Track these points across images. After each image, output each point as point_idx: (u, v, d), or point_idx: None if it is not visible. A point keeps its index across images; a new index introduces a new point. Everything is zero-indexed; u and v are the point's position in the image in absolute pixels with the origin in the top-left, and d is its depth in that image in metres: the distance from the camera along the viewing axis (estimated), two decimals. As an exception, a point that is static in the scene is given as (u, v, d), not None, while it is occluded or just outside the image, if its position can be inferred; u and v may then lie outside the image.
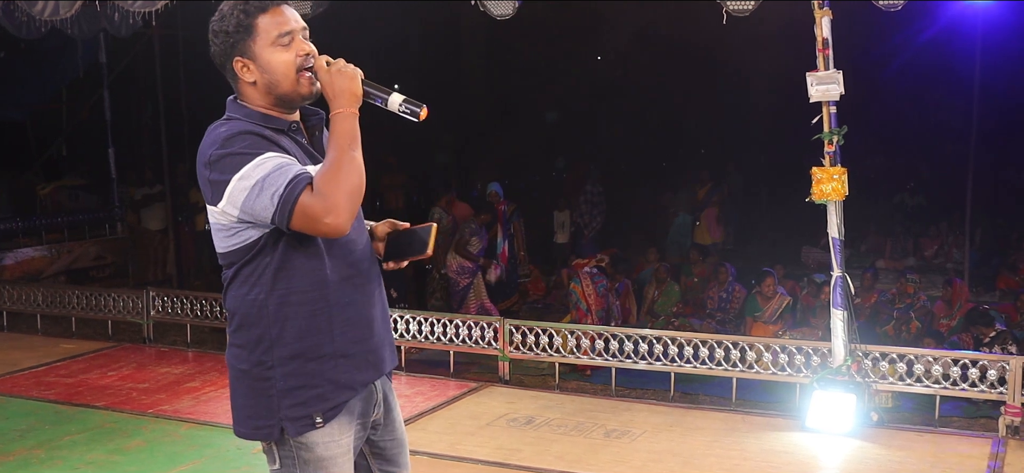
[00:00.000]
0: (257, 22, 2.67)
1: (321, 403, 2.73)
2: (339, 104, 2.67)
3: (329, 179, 2.59)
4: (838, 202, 6.23)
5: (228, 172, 2.61)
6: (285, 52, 2.68)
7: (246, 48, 2.68)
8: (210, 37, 2.74)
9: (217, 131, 2.69)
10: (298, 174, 2.58)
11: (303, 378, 2.72)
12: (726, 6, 6.43)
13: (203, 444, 6.14)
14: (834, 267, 6.29)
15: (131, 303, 9.02)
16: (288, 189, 2.56)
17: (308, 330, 2.72)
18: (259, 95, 2.72)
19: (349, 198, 2.61)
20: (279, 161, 2.60)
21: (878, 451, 5.88)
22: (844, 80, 6.14)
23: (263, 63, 2.68)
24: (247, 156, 2.60)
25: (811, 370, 6.51)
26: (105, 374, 7.74)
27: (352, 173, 2.62)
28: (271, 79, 2.69)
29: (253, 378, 2.74)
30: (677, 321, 11.06)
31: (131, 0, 7.98)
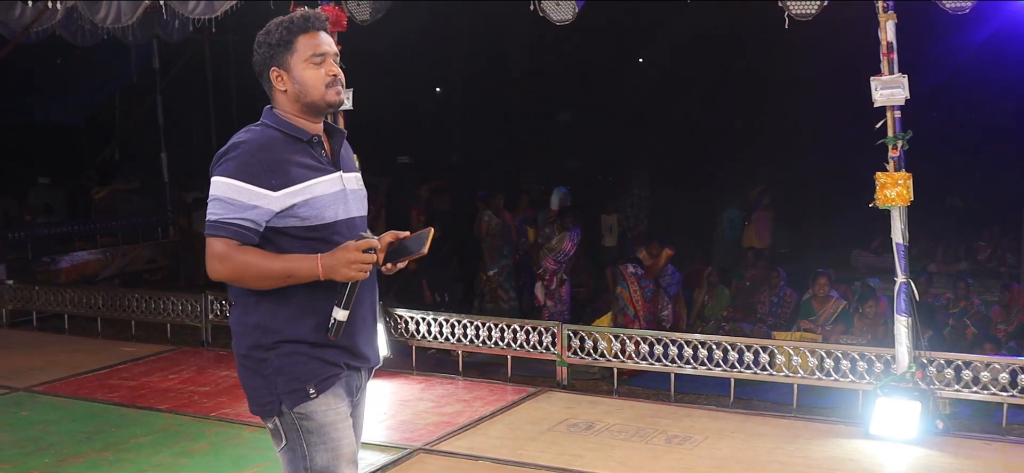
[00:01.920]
0: (297, 40, 3.10)
1: (313, 377, 3.08)
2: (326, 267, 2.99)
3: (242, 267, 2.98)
4: (903, 208, 6.16)
5: (216, 170, 3.02)
6: (316, 69, 3.11)
7: (283, 60, 3.11)
8: (255, 47, 3.17)
9: (241, 134, 3.10)
10: (235, 222, 2.96)
11: (293, 359, 3.07)
12: (789, 8, 6.39)
13: (267, 447, 6.08)
14: (898, 273, 6.25)
15: (189, 306, 9.12)
16: (216, 224, 2.98)
17: (297, 323, 3.06)
18: (289, 102, 3.13)
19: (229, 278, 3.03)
20: (242, 199, 2.96)
21: (944, 460, 5.82)
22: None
23: (296, 75, 3.11)
24: (234, 170, 2.98)
25: (874, 377, 6.45)
26: (166, 377, 7.84)
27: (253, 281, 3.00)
28: (301, 90, 3.10)
29: (252, 361, 3.10)
30: (727, 325, 11.01)
31: (192, 5, 8.07)
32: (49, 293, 10.09)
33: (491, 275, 11.00)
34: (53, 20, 8.79)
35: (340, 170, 3.19)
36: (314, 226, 3.07)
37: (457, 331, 7.80)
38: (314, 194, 3.06)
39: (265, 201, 2.98)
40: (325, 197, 3.09)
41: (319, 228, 3.07)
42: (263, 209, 2.98)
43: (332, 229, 3.10)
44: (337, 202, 3.13)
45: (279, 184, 3.00)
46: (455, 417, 6.73)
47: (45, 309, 10.11)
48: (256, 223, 2.99)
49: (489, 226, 11.22)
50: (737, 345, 6.95)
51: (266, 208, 2.99)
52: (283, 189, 3.00)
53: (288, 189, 3.01)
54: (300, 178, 3.04)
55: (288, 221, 3.03)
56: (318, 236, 3.07)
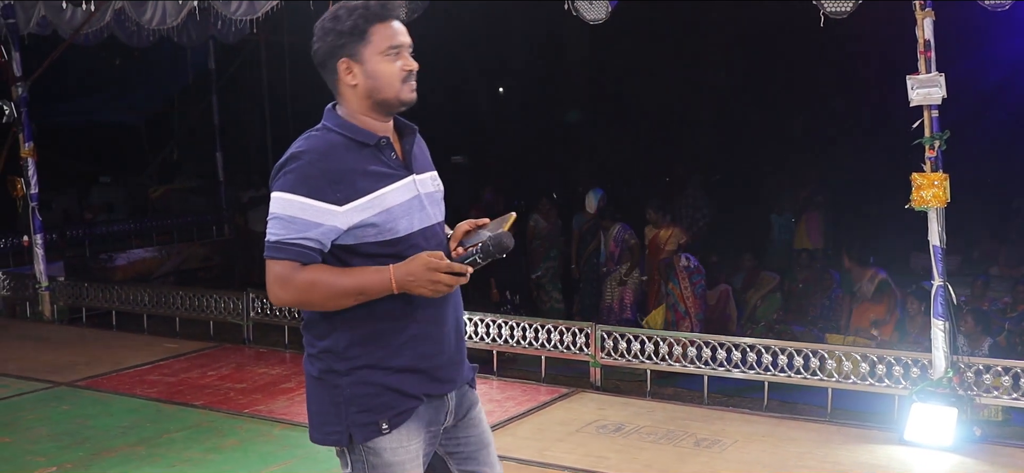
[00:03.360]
0: (372, 30, 2.78)
1: (387, 410, 2.80)
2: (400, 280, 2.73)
3: (306, 289, 2.73)
4: (940, 209, 6.01)
5: (275, 184, 2.78)
6: (392, 63, 2.79)
7: (355, 51, 2.79)
8: (318, 34, 2.84)
9: (300, 142, 2.82)
10: (297, 242, 2.71)
11: (369, 387, 2.80)
12: (824, 7, 6.27)
13: (295, 445, 6.24)
14: (935, 276, 6.09)
15: (231, 304, 9.25)
16: (276, 245, 2.75)
17: (375, 344, 2.80)
18: (357, 99, 2.82)
19: (294, 303, 2.82)
20: (304, 216, 2.70)
21: (981, 468, 5.66)
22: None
23: (370, 69, 2.79)
24: (294, 184, 2.72)
25: (910, 382, 6.30)
26: (205, 374, 7.95)
27: (320, 302, 2.75)
28: (375, 85, 2.79)
29: (323, 385, 2.84)
30: (779, 327, 10.86)
31: (234, 5, 8.17)
32: (98, 290, 10.30)
33: (536, 277, 10.96)
34: (102, 22, 8.97)
35: (413, 173, 2.89)
36: (387, 240, 2.77)
37: (491, 331, 7.79)
38: (385, 205, 2.76)
39: (330, 218, 2.70)
40: (398, 207, 2.79)
41: (393, 243, 2.78)
42: (327, 227, 2.70)
43: (407, 242, 2.79)
44: (411, 211, 2.83)
45: (345, 197, 2.71)
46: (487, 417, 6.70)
47: (94, 306, 10.32)
48: (320, 243, 2.72)
49: (536, 229, 11.18)
50: (771, 348, 6.85)
51: (331, 225, 2.71)
52: (350, 203, 2.71)
53: (355, 202, 2.72)
54: (368, 189, 2.75)
55: (357, 238, 2.75)
56: (393, 251, 2.77)
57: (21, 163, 10.24)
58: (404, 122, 2.96)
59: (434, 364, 2.88)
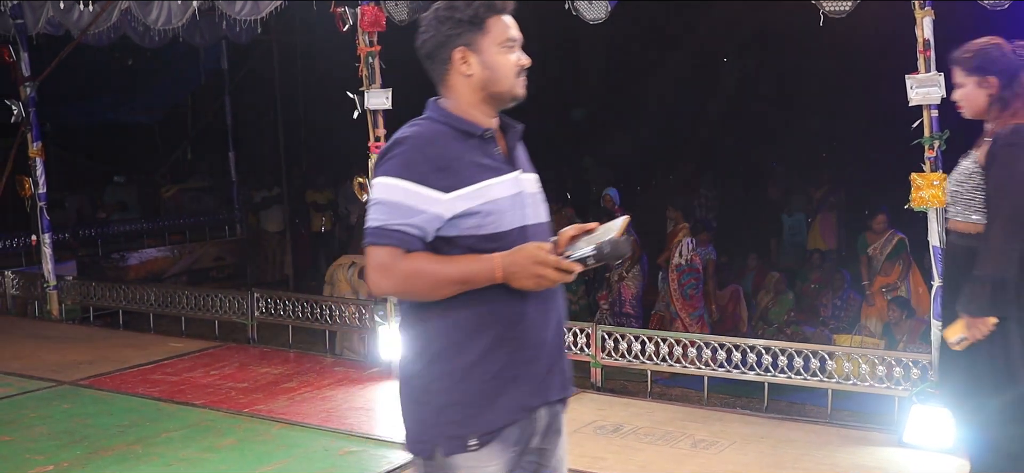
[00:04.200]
0: (490, 21, 2.75)
1: (477, 425, 2.67)
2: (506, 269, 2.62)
3: (409, 276, 2.62)
4: (940, 209, 5.95)
5: (379, 169, 2.70)
6: (508, 56, 2.77)
7: (473, 41, 2.74)
8: (430, 23, 2.78)
9: (404, 129, 2.75)
10: (400, 227, 2.61)
11: (462, 396, 2.68)
12: (823, 7, 6.23)
13: (292, 444, 6.26)
14: (935, 276, 6.00)
15: (236, 304, 9.27)
16: (378, 230, 2.63)
17: (473, 347, 2.67)
18: (469, 90, 2.77)
19: (396, 292, 2.72)
20: (409, 202, 2.61)
21: (978, 470, 5.61)
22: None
23: (487, 60, 2.74)
24: (398, 169, 2.64)
25: (910, 383, 6.25)
26: (208, 373, 7.97)
27: (424, 291, 2.65)
28: (491, 76, 2.75)
29: (415, 391, 2.74)
30: (790, 329, 10.81)
31: (239, 5, 8.19)
32: (105, 289, 10.35)
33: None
34: (109, 22, 9.02)
35: (517, 170, 2.81)
36: (490, 234, 2.66)
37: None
38: (490, 197, 2.67)
39: (434, 205, 2.61)
40: (503, 200, 2.70)
41: (495, 237, 2.66)
42: (431, 214, 2.61)
43: (510, 238, 2.68)
44: (515, 207, 2.73)
45: (450, 185, 2.63)
46: (483, 417, 6.70)
47: (102, 305, 10.37)
48: (423, 230, 2.62)
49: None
50: (771, 349, 6.80)
51: (435, 213, 2.61)
52: (455, 191, 2.63)
53: (460, 191, 2.63)
54: (474, 178, 2.66)
55: (460, 229, 2.65)
56: (495, 247, 2.65)
57: (29, 163, 10.30)
58: (509, 120, 2.88)
59: (532, 371, 2.75)
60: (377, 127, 7.59)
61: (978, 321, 4.03)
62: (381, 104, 7.51)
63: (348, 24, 7.51)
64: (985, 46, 4.12)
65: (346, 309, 8.56)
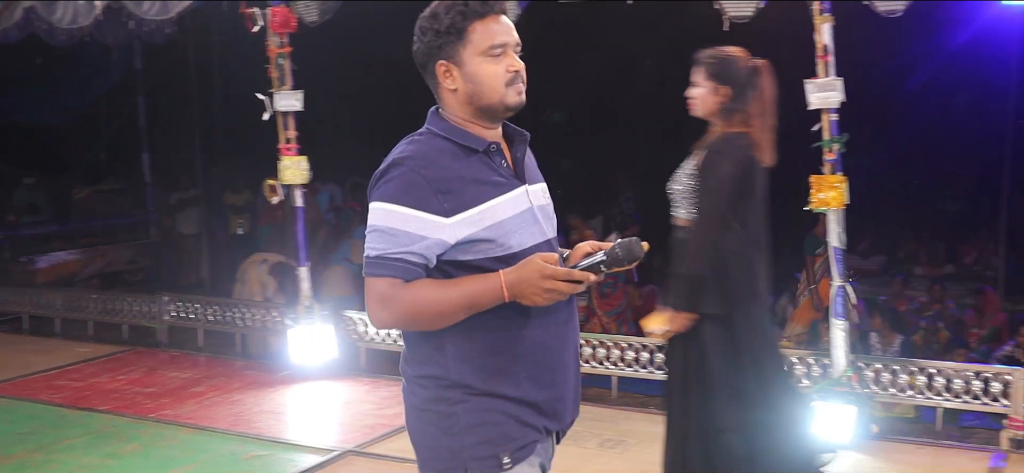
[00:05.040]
0: (471, 27, 2.52)
1: (508, 443, 2.54)
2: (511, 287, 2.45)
3: (412, 307, 2.46)
4: (839, 211, 6.08)
5: (375, 193, 2.51)
6: (495, 64, 2.53)
7: (453, 53, 2.53)
8: (417, 34, 2.59)
9: (402, 147, 2.56)
10: (400, 257, 2.44)
11: (488, 416, 2.53)
12: (725, 10, 6.34)
13: (199, 449, 6.19)
14: (834, 277, 6.15)
15: (145, 307, 9.13)
16: (376, 260, 2.46)
17: (491, 371, 2.54)
18: (459, 105, 2.57)
19: (399, 324, 2.54)
20: (408, 228, 2.44)
21: (875, 464, 5.76)
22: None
23: (469, 72, 2.53)
24: (396, 193, 2.46)
25: (812, 380, 6.39)
26: (114, 378, 7.84)
27: (428, 320, 2.50)
28: (475, 89, 2.54)
29: (433, 416, 2.57)
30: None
31: (147, 5, 8.08)
32: (7, 294, 10.13)
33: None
34: (11, 21, 8.80)
35: (525, 183, 2.62)
36: (500, 257, 2.49)
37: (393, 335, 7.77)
38: (497, 217, 2.50)
39: (436, 230, 2.44)
40: (510, 220, 2.52)
41: (507, 259, 2.50)
42: (433, 240, 2.44)
43: (520, 259, 2.50)
44: (525, 224, 2.56)
45: (453, 208, 2.45)
46: (393, 419, 6.68)
47: (6, 310, 10.13)
48: (425, 258, 2.46)
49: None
50: (678, 348, 6.88)
51: (437, 238, 2.44)
52: (458, 214, 2.45)
53: (464, 214, 2.46)
54: (479, 199, 2.48)
55: (466, 253, 2.49)
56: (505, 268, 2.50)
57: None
58: (514, 128, 2.69)
59: (553, 395, 2.61)
60: (288, 129, 7.54)
61: (679, 315, 4.29)
62: (291, 106, 7.46)
63: (258, 25, 7.44)
64: (727, 56, 4.36)
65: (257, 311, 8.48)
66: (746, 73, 4.31)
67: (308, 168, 7.57)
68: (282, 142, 7.53)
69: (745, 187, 4.22)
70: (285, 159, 7.53)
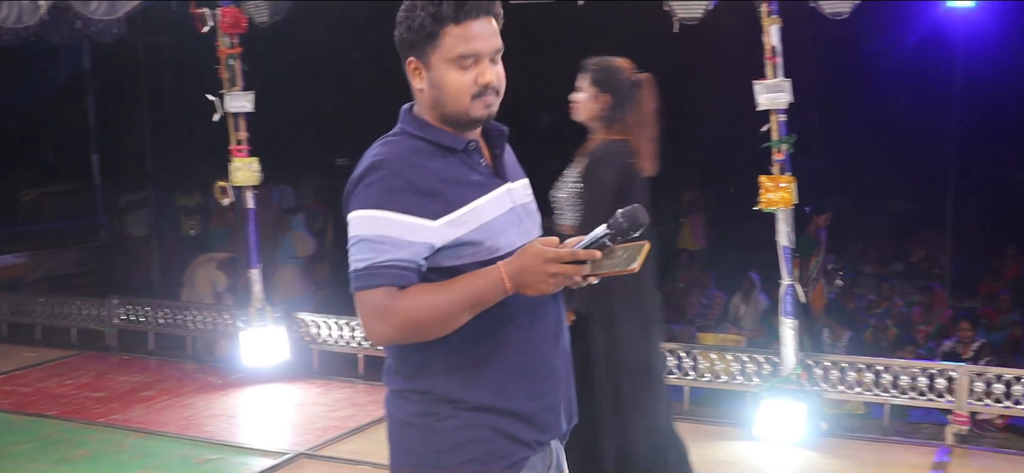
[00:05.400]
0: (444, 31, 2.34)
1: (498, 459, 2.42)
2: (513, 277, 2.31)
3: (412, 315, 2.30)
4: (787, 210, 6.16)
5: (353, 201, 2.37)
6: (463, 74, 2.36)
7: (423, 53, 2.38)
8: (396, 23, 2.43)
9: (377, 149, 2.42)
10: (390, 264, 2.29)
11: (478, 432, 2.41)
12: (675, 11, 6.38)
13: (148, 454, 6.13)
14: (783, 275, 6.22)
15: (94, 311, 9.00)
16: (366, 272, 2.31)
17: (480, 383, 2.41)
18: (425, 107, 2.44)
19: (399, 337, 2.37)
20: (394, 234, 2.30)
21: (823, 460, 5.84)
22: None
23: (435, 77, 2.38)
24: (378, 199, 2.32)
25: (762, 379, 6.46)
26: (63, 383, 7.73)
27: (431, 327, 2.33)
28: (439, 96, 2.39)
29: (419, 431, 2.44)
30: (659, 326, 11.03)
31: (94, 5, 7.98)
32: (-48, 299, 9.94)
33: None
34: (-46, 21, 8.65)
35: (506, 181, 2.49)
36: (485, 261, 2.36)
37: (356, 334, 7.74)
38: (482, 219, 2.37)
39: (423, 234, 2.30)
40: (496, 221, 2.40)
41: (492, 263, 2.35)
42: (421, 244, 2.30)
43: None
44: (510, 224, 2.44)
45: (437, 211, 2.32)
46: (346, 421, 6.68)
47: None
48: (416, 263, 2.31)
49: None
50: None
51: (424, 242, 2.31)
52: (443, 217, 2.32)
53: (449, 216, 2.33)
54: (461, 200, 2.35)
55: (451, 258, 2.36)
56: None
57: None
58: (492, 123, 2.51)
59: (544, 404, 2.49)
60: (239, 130, 7.49)
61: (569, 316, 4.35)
62: (242, 107, 7.42)
63: (208, 25, 7.39)
64: (611, 65, 4.48)
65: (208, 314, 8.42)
66: (628, 84, 4.43)
67: (259, 169, 7.52)
68: (233, 143, 7.48)
69: (626, 193, 4.26)
70: (236, 160, 7.48)
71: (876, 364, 6.27)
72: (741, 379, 6.59)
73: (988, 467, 5.75)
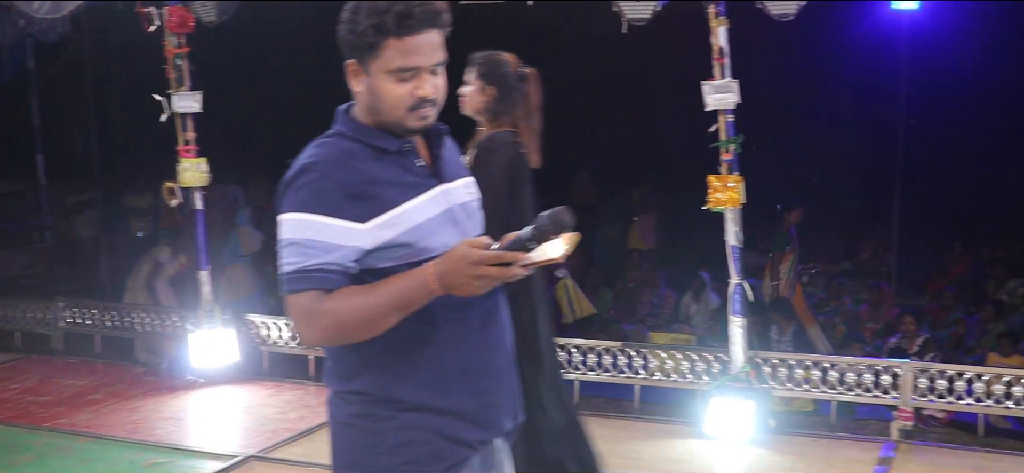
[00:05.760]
0: (386, 44, 2.35)
1: (436, 463, 2.44)
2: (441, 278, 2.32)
3: (339, 318, 2.33)
4: (735, 210, 6.21)
5: (284, 203, 2.39)
6: (400, 86, 2.39)
7: (363, 59, 2.40)
8: (340, 20, 2.44)
9: (310, 151, 2.44)
10: (318, 268, 2.32)
11: (415, 433, 2.43)
12: (623, 11, 6.42)
13: (95, 459, 6.06)
14: (732, 274, 6.28)
15: (39, 314, 8.86)
16: (295, 275, 2.34)
17: (420, 381, 2.43)
18: (362, 109, 2.47)
19: (328, 339, 2.42)
20: (323, 238, 2.32)
21: (771, 457, 5.91)
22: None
23: (374, 86, 2.40)
24: (307, 201, 2.35)
25: (712, 377, 6.52)
26: (7, 387, 7.60)
27: (358, 330, 2.36)
28: (375, 104, 2.42)
29: (357, 432, 2.46)
30: (609, 327, 11.09)
31: (36, 4, 7.86)
32: None
33: None
34: None
35: (443, 181, 2.51)
36: (417, 262, 2.37)
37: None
38: (413, 221, 2.39)
39: (352, 237, 2.33)
40: (429, 222, 2.42)
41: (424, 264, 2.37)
42: (350, 248, 2.33)
43: None
44: (443, 226, 2.45)
45: (367, 213, 2.34)
46: (297, 423, 6.64)
47: None
48: (343, 267, 2.33)
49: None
50: (581, 346, 6.97)
51: (354, 245, 2.33)
52: (373, 219, 2.34)
53: (379, 218, 2.35)
54: (393, 201, 2.37)
55: (383, 260, 2.38)
56: None
57: None
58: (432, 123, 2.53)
59: (485, 402, 2.51)
60: (186, 131, 7.42)
61: None
62: (190, 107, 7.35)
63: (155, 25, 7.31)
64: (496, 58, 4.48)
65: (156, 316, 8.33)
66: (514, 77, 4.44)
67: (207, 170, 7.46)
68: (181, 144, 7.41)
69: (516, 184, 4.30)
70: (184, 161, 7.41)
71: (823, 361, 6.35)
72: (691, 377, 6.64)
73: (932, 462, 5.84)
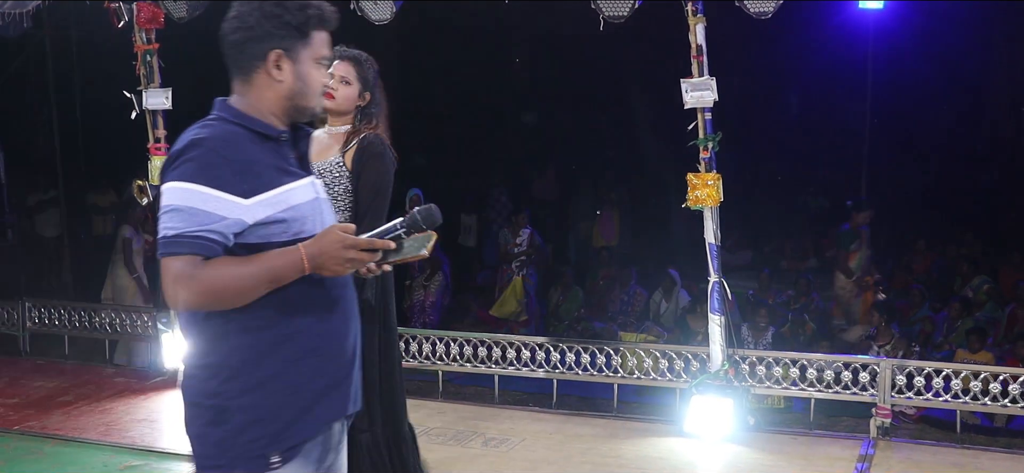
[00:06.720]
0: (314, 35, 2.66)
1: (278, 443, 2.56)
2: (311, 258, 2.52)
3: (213, 284, 2.45)
4: (714, 208, 6.21)
5: (171, 174, 2.51)
6: (320, 73, 2.70)
7: (293, 48, 2.63)
8: (251, 14, 2.60)
9: (196, 130, 2.57)
10: (198, 235, 2.44)
11: (261, 412, 2.54)
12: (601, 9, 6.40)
13: (68, 462, 5.95)
14: (711, 272, 6.28)
15: (5, 314, 8.70)
16: (173, 239, 2.45)
17: (274, 361, 2.56)
18: (273, 95, 2.64)
19: (198, 304, 2.51)
20: (206, 208, 2.45)
21: (751, 455, 5.92)
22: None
23: (302, 72, 2.65)
24: (194, 173, 2.48)
25: (691, 375, 6.52)
26: (-26, 390, 7.48)
27: (231, 297, 2.50)
28: (302, 89, 2.66)
29: (207, 410, 2.57)
30: (581, 325, 11.09)
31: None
32: None
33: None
34: None
35: (312, 175, 2.76)
36: (288, 241, 2.55)
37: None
38: (292, 202, 2.58)
39: (235, 210, 2.47)
40: (305, 206, 2.63)
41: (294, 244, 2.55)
42: (232, 220, 2.47)
43: None
44: (316, 213, 2.66)
45: (251, 189, 2.50)
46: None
47: None
48: (223, 236, 2.47)
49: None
50: (559, 346, 6.95)
51: (236, 218, 2.48)
52: (256, 196, 2.51)
53: (262, 196, 2.52)
54: (275, 182, 2.56)
55: (263, 237, 2.53)
56: None
57: None
58: (299, 123, 2.78)
59: (332, 381, 2.68)
60: (157, 128, 7.32)
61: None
62: (160, 104, 7.24)
63: (123, 20, 7.20)
64: (371, 62, 4.40)
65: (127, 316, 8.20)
66: (375, 77, 4.39)
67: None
68: (152, 141, 7.31)
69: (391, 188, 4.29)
70: (155, 159, 7.30)
71: (802, 359, 6.37)
72: (669, 376, 6.64)
73: (910, 458, 5.87)
